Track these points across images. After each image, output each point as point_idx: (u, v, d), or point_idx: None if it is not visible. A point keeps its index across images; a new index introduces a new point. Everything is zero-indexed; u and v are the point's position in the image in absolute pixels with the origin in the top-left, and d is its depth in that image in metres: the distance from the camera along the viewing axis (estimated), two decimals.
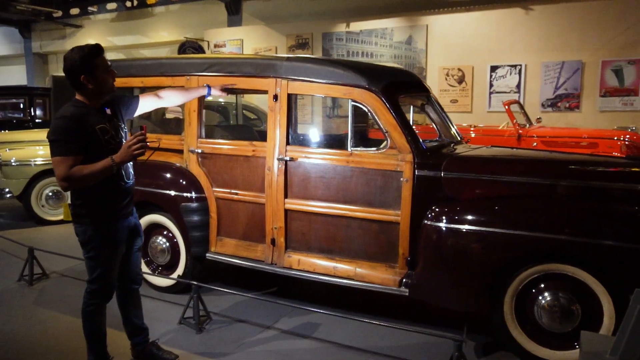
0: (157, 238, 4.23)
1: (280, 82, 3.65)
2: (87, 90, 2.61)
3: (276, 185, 3.66)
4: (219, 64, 3.92)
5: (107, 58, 2.68)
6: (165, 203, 4.07)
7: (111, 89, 2.72)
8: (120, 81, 4.48)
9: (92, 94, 2.64)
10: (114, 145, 2.66)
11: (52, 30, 15.50)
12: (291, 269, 3.67)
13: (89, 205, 2.66)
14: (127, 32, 14.11)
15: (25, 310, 3.94)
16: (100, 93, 2.66)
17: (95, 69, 2.58)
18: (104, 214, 2.69)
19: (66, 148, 2.49)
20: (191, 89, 3.54)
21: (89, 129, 2.57)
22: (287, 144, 3.64)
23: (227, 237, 3.97)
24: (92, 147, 2.56)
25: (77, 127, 2.53)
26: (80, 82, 2.57)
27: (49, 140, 2.53)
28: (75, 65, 2.55)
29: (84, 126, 2.55)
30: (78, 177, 2.49)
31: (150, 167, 4.18)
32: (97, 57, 2.60)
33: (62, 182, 2.50)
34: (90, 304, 2.80)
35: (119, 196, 2.75)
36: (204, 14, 12.72)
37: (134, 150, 2.50)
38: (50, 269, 4.80)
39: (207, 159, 4.00)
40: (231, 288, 4.15)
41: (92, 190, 2.61)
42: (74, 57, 2.55)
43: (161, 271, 4.28)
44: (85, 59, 2.55)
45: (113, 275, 2.81)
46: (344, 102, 9.98)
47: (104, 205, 2.69)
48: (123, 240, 2.81)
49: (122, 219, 2.78)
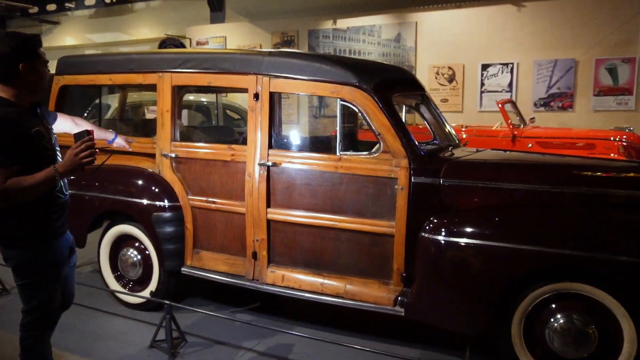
0: (127, 250, 3.86)
1: (262, 79, 3.30)
2: (20, 84, 2.17)
3: (257, 193, 3.32)
4: (194, 59, 3.57)
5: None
6: (136, 212, 3.70)
7: (45, 88, 2.33)
8: (86, 79, 4.14)
9: (25, 89, 2.21)
10: (52, 152, 2.27)
11: (28, 27, 14.93)
12: (275, 285, 3.33)
13: (25, 225, 2.23)
14: (106, 29, 13.64)
15: None
16: (35, 89, 2.24)
17: (37, 59, 2.20)
18: (45, 234, 2.28)
19: None
20: (101, 129, 3.13)
21: (23, 133, 2.14)
22: (269, 147, 3.30)
23: (204, 250, 3.62)
24: (29, 154, 2.14)
25: (9, 131, 2.09)
26: (17, 71, 2.14)
27: None
28: (13, 51, 2.12)
29: (17, 129, 2.13)
30: (16, 190, 2.06)
31: (120, 173, 3.82)
32: (39, 46, 2.22)
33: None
34: (29, 336, 2.37)
35: (58, 212, 2.33)
36: (186, 11, 12.33)
37: (82, 158, 2.10)
38: (10, 284, 4.40)
39: (182, 164, 3.64)
40: (209, 305, 3.82)
41: (27, 207, 2.19)
42: (12, 43, 2.13)
43: (132, 286, 3.91)
44: (27, 46, 2.17)
45: (55, 301, 2.39)
46: (332, 101, 9.67)
47: (43, 224, 2.27)
48: (65, 260, 2.41)
49: (61, 236, 2.38)
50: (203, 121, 7.91)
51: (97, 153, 2.16)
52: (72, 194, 4.02)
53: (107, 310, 3.90)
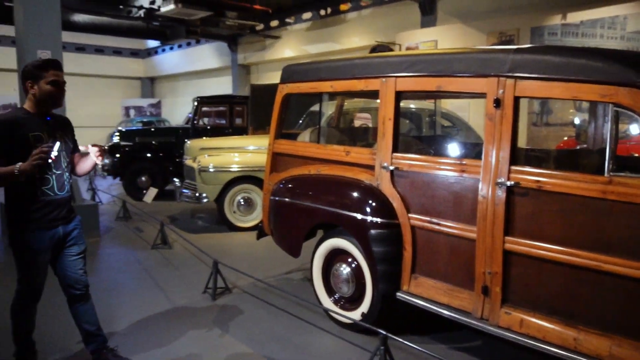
0: (340, 265, 3.68)
1: (504, 82, 2.76)
2: (30, 97, 2.77)
3: (493, 218, 2.78)
4: (422, 62, 3.19)
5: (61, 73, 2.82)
6: (350, 227, 3.48)
7: (57, 103, 2.83)
8: (308, 86, 4.10)
9: (34, 101, 2.78)
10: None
11: (254, 43, 16.60)
12: (510, 330, 2.75)
13: (12, 212, 2.79)
14: (320, 40, 14.34)
15: (206, 329, 3.71)
16: (42, 103, 2.79)
17: (41, 79, 2.73)
18: (22, 223, 2.77)
19: None
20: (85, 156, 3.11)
21: (19, 135, 2.69)
22: (510, 163, 2.74)
23: (424, 276, 3.21)
24: (20, 152, 2.63)
25: (3, 130, 2.67)
26: (25, 86, 2.76)
27: None
28: (25, 71, 2.77)
29: (13, 131, 2.69)
30: None
31: (337, 185, 3.65)
32: (45, 70, 2.75)
33: None
34: (16, 302, 2.91)
35: (46, 207, 2.79)
36: (396, 17, 12.20)
37: (33, 160, 2.55)
38: (233, 283, 4.62)
39: (402, 178, 3.30)
40: (424, 337, 3.42)
41: (17, 198, 2.76)
42: (27, 65, 2.77)
43: (344, 304, 3.71)
44: (35, 68, 2.75)
45: (37, 280, 2.88)
46: (559, 106, 8.47)
47: (28, 214, 2.76)
48: (43, 249, 2.83)
49: (45, 229, 2.81)
50: (410, 129, 7.57)
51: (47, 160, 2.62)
52: (288, 202, 4.05)
53: (317, 324, 3.78)
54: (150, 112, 22.14)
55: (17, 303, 2.92)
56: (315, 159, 3.96)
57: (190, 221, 7.66)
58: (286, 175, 4.17)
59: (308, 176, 3.95)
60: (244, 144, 7.48)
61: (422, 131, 6.61)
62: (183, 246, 6.02)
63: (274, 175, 4.33)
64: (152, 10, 13.08)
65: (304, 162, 4.06)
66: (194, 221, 7.66)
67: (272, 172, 4.38)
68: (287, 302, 4.19)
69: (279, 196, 4.10)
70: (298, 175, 4.04)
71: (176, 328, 3.72)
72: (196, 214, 8.21)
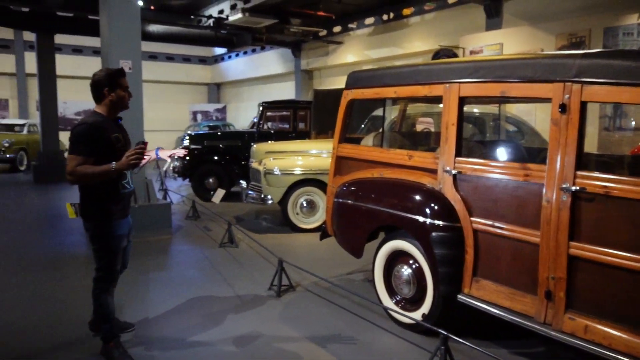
0: (401, 267, 3.77)
1: (571, 87, 2.76)
2: (106, 101, 3.12)
3: (557, 223, 2.78)
4: (487, 67, 3.23)
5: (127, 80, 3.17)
6: (413, 229, 3.57)
7: (126, 106, 3.22)
8: (372, 92, 4.22)
9: (110, 106, 3.14)
10: (124, 153, 3.03)
11: (317, 48, 16.91)
12: (574, 336, 2.74)
13: (99, 205, 3.12)
14: (382, 44, 14.40)
15: (271, 324, 3.91)
16: (118, 106, 3.17)
17: (116, 86, 3.10)
18: (112, 213, 3.13)
19: (78, 149, 2.97)
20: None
21: (106, 136, 3.05)
22: (576, 169, 2.73)
23: (485, 279, 3.25)
24: (107, 151, 3.02)
25: (93, 133, 3.00)
26: (103, 93, 3.10)
27: (70, 140, 3.01)
28: (100, 80, 3.08)
29: (101, 133, 3.03)
30: (81, 174, 2.95)
31: (400, 187, 3.74)
32: (119, 77, 3.12)
33: (68, 175, 2.97)
34: (97, 287, 3.25)
35: (123, 199, 3.23)
36: (460, 20, 12.07)
37: (131, 160, 2.93)
38: (296, 281, 4.81)
39: (465, 182, 3.35)
40: (485, 340, 3.44)
41: (103, 191, 3.10)
42: (101, 74, 3.11)
43: (404, 305, 3.79)
44: (110, 76, 3.09)
45: (118, 265, 3.27)
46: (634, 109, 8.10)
47: (112, 205, 3.13)
48: (124, 236, 3.28)
49: (124, 217, 3.25)
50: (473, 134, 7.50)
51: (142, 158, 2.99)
52: (351, 204, 4.19)
53: (378, 323, 3.87)
54: (216, 117, 23.03)
55: (101, 288, 3.24)
56: (378, 162, 4.07)
57: (255, 222, 7.96)
58: (349, 178, 4.31)
59: (371, 179, 4.06)
60: (307, 148, 7.70)
61: (486, 136, 6.54)
62: (249, 245, 6.29)
63: (338, 178, 4.47)
64: (220, 19, 13.66)
65: (367, 166, 4.18)
66: (258, 222, 7.96)
67: (335, 175, 4.53)
68: (349, 301, 4.32)
69: (342, 198, 4.24)
70: (361, 179, 4.16)
71: (242, 322, 3.94)
72: (261, 214, 8.51)
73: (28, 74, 19.28)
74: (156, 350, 3.45)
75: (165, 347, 3.50)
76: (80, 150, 2.97)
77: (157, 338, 3.63)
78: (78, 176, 2.96)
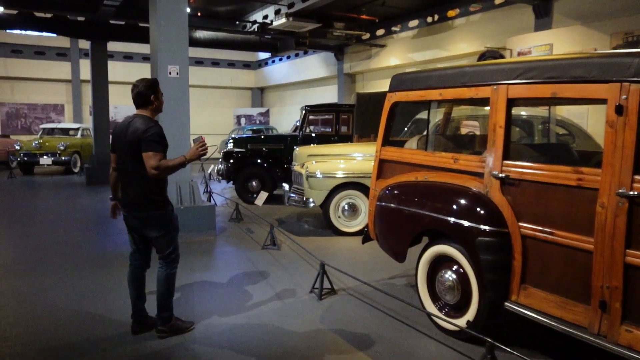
0: (445, 272, 3.69)
1: (628, 87, 2.63)
2: (152, 106, 3.60)
3: (613, 230, 2.65)
4: (537, 68, 3.12)
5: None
6: (457, 234, 3.49)
7: (162, 110, 3.74)
8: (416, 94, 4.16)
9: (154, 110, 3.64)
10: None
11: (360, 52, 16.87)
12: (631, 349, 2.60)
13: (163, 194, 3.62)
14: (425, 47, 14.22)
15: (312, 326, 3.91)
16: (158, 110, 3.68)
17: (158, 93, 3.64)
18: (170, 203, 3.66)
19: (157, 147, 3.42)
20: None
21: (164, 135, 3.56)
22: (634, 173, 2.60)
23: (534, 287, 3.13)
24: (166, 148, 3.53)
25: (163, 133, 3.51)
26: (150, 100, 3.58)
27: (149, 140, 3.40)
28: (149, 87, 3.57)
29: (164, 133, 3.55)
30: (164, 167, 3.41)
31: (444, 191, 3.67)
32: (158, 86, 3.66)
33: (153, 170, 3.36)
34: (172, 268, 3.68)
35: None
36: (507, 21, 11.77)
37: (200, 151, 3.44)
38: (338, 285, 4.79)
39: (513, 186, 3.25)
40: (533, 350, 3.31)
41: (165, 183, 3.62)
42: (147, 83, 3.58)
43: (448, 311, 3.71)
44: (154, 84, 3.62)
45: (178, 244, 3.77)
46: None
47: (167, 196, 3.66)
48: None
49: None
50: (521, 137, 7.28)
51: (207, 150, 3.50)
52: (395, 208, 4.15)
53: (421, 329, 3.81)
54: (259, 120, 23.36)
55: (172, 268, 3.68)
56: (422, 165, 4.01)
57: (296, 224, 8.00)
58: (392, 181, 4.26)
59: (415, 183, 4.00)
60: (349, 151, 7.68)
61: (534, 139, 6.34)
62: (290, 248, 6.32)
63: (381, 182, 4.44)
64: (265, 24, 13.85)
65: (411, 169, 4.13)
66: (300, 224, 8.00)
67: (378, 178, 4.49)
68: (391, 306, 4.27)
69: (385, 202, 4.20)
70: (405, 182, 4.11)
71: (284, 324, 3.95)
72: (302, 217, 8.55)
73: (82, 80, 20.18)
74: (202, 347, 3.51)
75: (211, 344, 3.56)
76: (159, 148, 3.42)
77: (204, 337, 3.69)
78: (162, 170, 3.40)
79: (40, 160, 14.90)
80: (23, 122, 20.51)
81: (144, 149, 3.38)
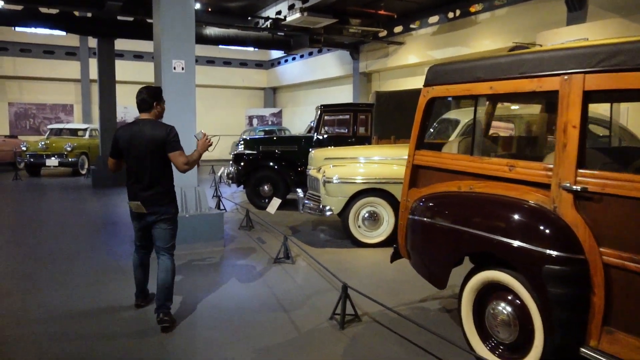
0: (498, 304, 3.02)
1: None
2: (155, 111, 3.94)
3: None
4: (629, 50, 2.45)
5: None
6: (516, 259, 2.82)
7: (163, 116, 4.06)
8: (460, 89, 3.49)
9: (157, 115, 3.96)
10: None
11: (376, 50, 16.20)
12: None
13: (174, 193, 3.99)
14: (447, 44, 13.53)
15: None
16: (160, 115, 4.00)
17: (161, 101, 3.99)
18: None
19: (180, 145, 3.80)
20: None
21: None
22: None
23: (622, 331, 2.46)
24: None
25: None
26: (153, 105, 3.91)
27: (173, 140, 3.77)
28: (152, 95, 3.91)
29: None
30: (192, 161, 3.83)
31: (497, 206, 3.01)
32: (162, 94, 4.00)
33: (185, 165, 3.77)
34: (172, 257, 3.94)
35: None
36: (536, 15, 11.06)
37: (207, 145, 3.89)
38: (362, 309, 4.14)
39: (592, 202, 2.58)
40: None
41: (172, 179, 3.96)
42: (152, 91, 3.93)
43: (503, 352, 3.05)
44: (158, 92, 3.97)
45: None
46: None
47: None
48: None
49: None
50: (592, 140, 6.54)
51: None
52: (433, 224, 3.49)
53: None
54: (272, 121, 22.76)
55: (174, 260, 3.96)
56: (466, 173, 3.35)
57: (312, 233, 7.36)
58: (429, 191, 3.61)
59: (458, 194, 3.35)
60: (369, 154, 7.03)
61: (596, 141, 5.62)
62: (306, 261, 5.69)
63: (414, 191, 3.78)
64: (278, 20, 13.26)
65: (452, 177, 3.47)
66: (316, 234, 7.35)
67: (411, 187, 3.84)
68: (427, 337, 3.61)
69: (420, 215, 3.54)
70: (445, 192, 3.46)
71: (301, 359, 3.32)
72: (318, 226, 7.91)
73: (92, 80, 19.72)
74: None
75: None
76: (181, 146, 3.81)
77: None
78: (191, 164, 3.81)
79: (46, 162, 14.44)
80: (32, 122, 20.15)
81: (172, 149, 3.76)
